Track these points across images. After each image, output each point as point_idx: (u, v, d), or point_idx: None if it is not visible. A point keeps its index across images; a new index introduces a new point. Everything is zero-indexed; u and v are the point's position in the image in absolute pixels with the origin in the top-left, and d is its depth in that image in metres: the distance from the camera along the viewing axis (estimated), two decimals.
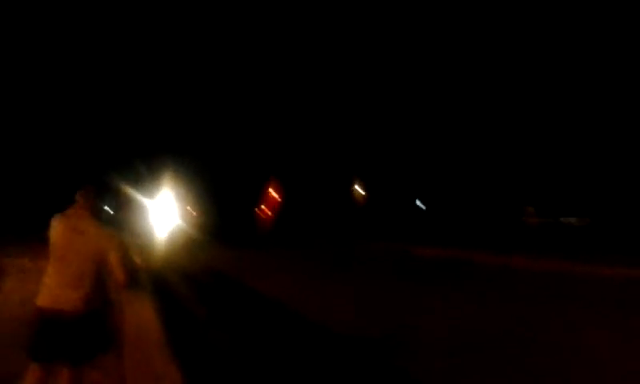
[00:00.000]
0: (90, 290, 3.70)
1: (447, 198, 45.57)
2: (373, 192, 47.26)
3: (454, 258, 18.78)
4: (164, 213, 37.70)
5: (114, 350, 4.58)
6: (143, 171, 37.70)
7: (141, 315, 4.06)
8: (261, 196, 46.02)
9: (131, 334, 3.60)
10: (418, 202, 50.18)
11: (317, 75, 48.26)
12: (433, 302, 10.24)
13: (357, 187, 47.26)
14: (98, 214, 4.09)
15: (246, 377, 5.37)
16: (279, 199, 44.86)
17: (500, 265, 16.58)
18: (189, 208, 41.78)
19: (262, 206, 46.44)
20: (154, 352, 3.13)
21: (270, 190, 45.33)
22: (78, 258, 3.74)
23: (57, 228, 3.86)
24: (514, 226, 35.87)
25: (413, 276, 15.10)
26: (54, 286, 3.67)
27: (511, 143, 40.46)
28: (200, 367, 4.89)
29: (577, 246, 20.99)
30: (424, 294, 11.30)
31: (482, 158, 41.95)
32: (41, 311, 3.65)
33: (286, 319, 8.77)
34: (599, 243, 21.73)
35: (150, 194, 37.19)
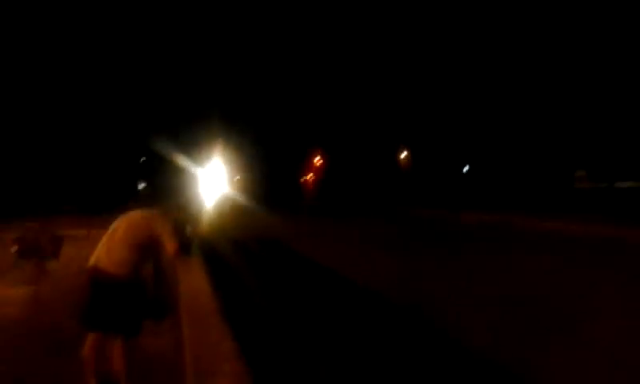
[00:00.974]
0: (135, 260, 3.90)
1: (497, 162, 44.58)
2: (418, 157, 46.76)
3: (501, 223, 18.48)
4: (214, 181, 38.50)
5: (170, 318, 4.77)
6: (194, 141, 38.38)
7: (195, 284, 4.21)
8: (307, 164, 46.22)
9: (187, 302, 3.75)
10: (465, 169, 49.35)
11: (362, 42, 47.51)
12: (475, 266, 10.17)
13: (402, 153, 46.86)
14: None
15: (294, 341, 5.50)
16: (324, 167, 44.93)
17: (547, 230, 16.22)
18: (238, 177, 42.41)
19: (309, 174, 46.65)
20: (209, 320, 3.25)
21: (316, 158, 45.41)
22: (126, 231, 3.97)
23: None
24: (564, 190, 34.88)
25: (458, 241, 14.97)
26: (103, 252, 3.91)
27: (563, 106, 39.09)
28: (252, 334, 5.03)
29: (631, 210, 20.27)
30: (467, 259, 11.21)
31: (533, 121, 40.71)
32: (91, 270, 3.88)
33: (332, 284, 8.87)
34: None
35: (200, 163, 37.98)
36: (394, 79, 46.32)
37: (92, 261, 3.95)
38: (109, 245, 3.97)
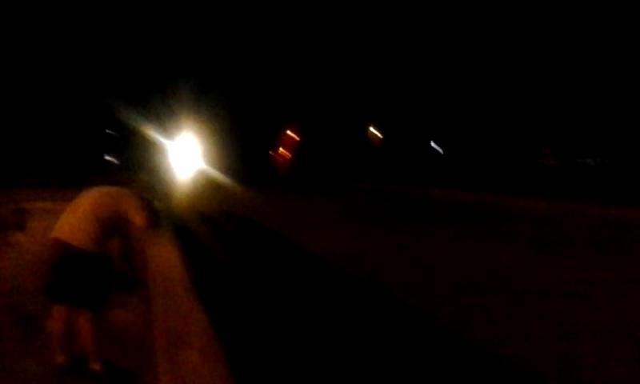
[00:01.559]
0: (100, 233, 3.86)
1: (463, 139, 45.15)
2: (388, 134, 47.03)
3: (470, 201, 18.78)
4: (185, 155, 38.10)
5: (138, 291, 4.75)
6: (164, 113, 37.82)
7: (165, 257, 4.20)
8: (278, 139, 46.06)
9: (156, 275, 3.73)
10: (433, 144, 49.84)
11: (334, 20, 47.17)
12: (446, 244, 10.32)
13: (372, 129, 47.04)
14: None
15: (267, 315, 5.55)
16: (297, 141, 44.85)
17: (515, 207, 16.55)
18: (209, 150, 42.03)
19: (280, 149, 46.53)
20: (179, 292, 3.25)
21: (288, 132, 45.27)
22: (91, 205, 3.93)
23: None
24: (531, 167, 35.60)
25: (428, 218, 15.16)
26: (67, 224, 3.86)
27: (528, 84, 39.64)
28: (222, 306, 5.06)
29: (591, 187, 20.81)
30: (439, 236, 11.37)
31: (498, 99, 41.24)
32: (54, 243, 3.83)
33: (302, 258, 8.95)
34: (615, 184, 21.54)
35: (171, 136, 37.50)
36: (368, 54, 46.24)
37: (55, 233, 3.89)
38: (73, 216, 3.91)
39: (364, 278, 7.34)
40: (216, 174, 34.52)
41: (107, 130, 44.42)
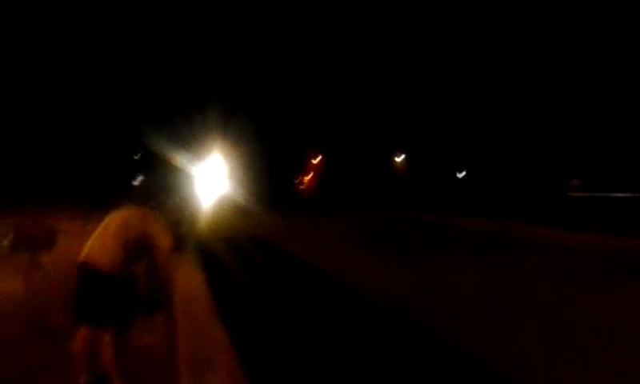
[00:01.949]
0: (127, 255, 3.90)
1: (490, 169, 44.79)
2: (414, 161, 46.89)
3: (495, 230, 18.49)
4: (211, 180, 38.48)
5: (163, 313, 4.76)
6: (191, 138, 38.40)
7: (189, 281, 4.22)
8: (304, 164, 46.27)
9: (181, 297, 3.76)
10: (458, 174, 49.54)
11: (362, 45, 47.63)
12: (471, 273, 10.14)
13: (398, 157, 46.98)
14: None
15: (286, 336, 5.51)
16: (321, 167, 45.00)
17: (542, 237, 16.24)
18: (235, 175, 42.39)
19: (304, 175, 46.72)
20: (203, 315, 3.26)
21: (312, 159, 45.46)
22: (119, 227, 3.98)
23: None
24: (559, 198, 35.00)
25: (452, 246, 14.96)
26: (95, 246, 3.91)
27: (560, 115, 39.30)
28: (245, 330, 5.04)
29: (624, 221, 20.32)
30: (463, 265, 11.19)
31: (529, 129, 40.92)
32: (81, 264, 3.88)
33: (325, 284, 8.88)
34: None
35: (198, 161, 37.99)
36: (394, 83, 46.45)
37: (83, 255, 3.94)
38: (100, 239, 3.96)
39: (389, 306, 7.25)
40: (242, 199, 34.73)
41: (135, 155, 45.24)
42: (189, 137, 38.57)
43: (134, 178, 44.47)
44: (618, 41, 36.13)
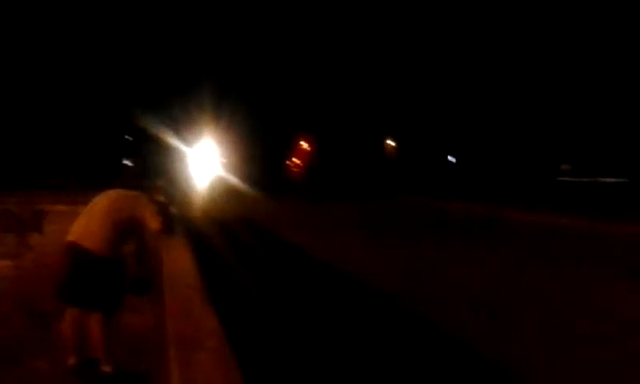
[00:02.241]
0: (115, 237, 3.88)
1: (481, 152, 44.96)
2: (404, 146, 46.94)
3: (486, 214, 18.59)
4: (204, 162, 38.37)
5: (152, 295, 4.76)
6: (184, 120, 38.21)
7: (179, 262, 4.23)
8: (295, 148, 46.23)
9: (170, 279, 3.77)
10: (449, 157, 49.67)
11: (349, 30, 47.41)
12: (463, 258, 10.21)
13: (388, 141, 46.99)
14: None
15: (277, 322, 5.55)
16: (310, 151, 44.96)
17: (532, 222, 16.35)
18: (227, 158, 42.31)
19: (294, 158, 46.67)
20: (192, 296, 3.28)
21: (302, 142, 45.40)
22: (107, 208, 3.95)
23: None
24: (549, 183, 35.21)
25: (444, 231, 15.05)
26: (82, 227, 3.88)
27: (550, 100, 39.42)
28: (234, 313, 5.06)
29: (613, 205, 20.48)
30: (455, 249, 11.26)
31: (519, 114, 41.03)
32: (69, 245, 3.85)
33: (315, 268, 8.91)
34: (635, 203, 21.18)
35: (189, 142, 37.84)
36: (385, 68, 46.32)
37: (70, 236, 3.92)
38: (88, 220, 3.94)
39: (376, 289, 7.29)
40: (234, 181, 34.70)
41: (126, 136, 44.94)
42: (182, 118, 38.39)
43: (125, 158, 44.26)
44: (605, 29, 36.20)
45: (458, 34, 43.40)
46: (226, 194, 28.33)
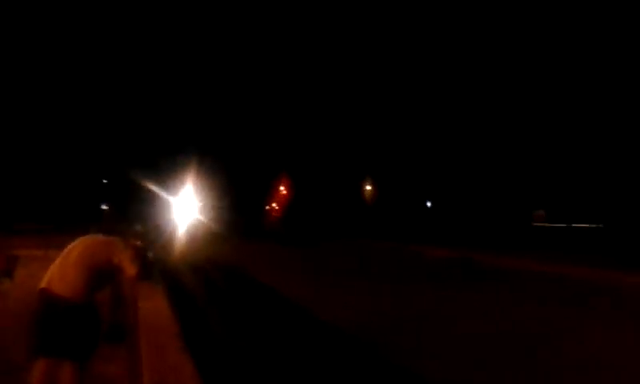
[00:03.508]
0: (90, 283, 3.82)
1: (457, 199, 45.51)
2: (383, 190, 47.37)
3: (463, 259, 18.72)
4: (185, 208, 38.23)
5: (127, 343, 4.68)
6: (166, 170, 38.24)
7: (156, 309, 4.16)
8: (271, 193, 46.35)
9: (146, 326, 3.70)
10: (427, 203, 50.18)
11: (329, 76, 48.43)
12: (439, 304, 10.23)
13: (367, 186, 47.38)
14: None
15: (252, 367, 5.48)
16: (288, 196, 45.11)
17: (509, 267, 16.50)
18: (205, 204, 42.21)
19: (272, 203, 46.73)
20: (168, 343, 3.23)
21: (281, 187, 45.56)
22: (82, 254, 3.89)
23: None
24: (524, 229, 35.69)
25: (422, 276, 15.08)
26: (56, 273, 3.81)
27: (524, 147, 40.33)
28: (210, 358, 4.99)
29: (587, 250, 20.82)
30: (431, 295, 11.28)
31: (493, 161, 41.85)
32: (41, 292, 3.77)
33: (293, 315, 8.83)
34: (610, 249, 21.55)
35: (170, 188, 37.76)
36: (361, 112, 47.15)
37: (43, 283, 3.84)
38: (62, 266, 3.86)
39: (349, 333, 7.25)
40: (213, 227, 34.61)
41: (103, 180, 44.58)
42: (162, 164, 38.40)
43: (102, 203, 43.79)
44: (575, 72, 37.44)
45: (431, 82, 44.50)
46: (205, 239, 28.15)
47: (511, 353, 6.45)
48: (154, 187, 34.87)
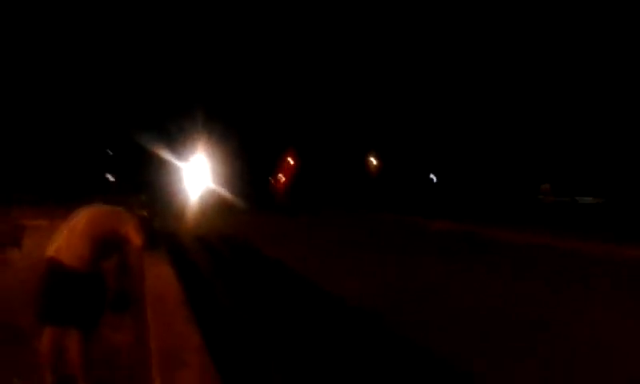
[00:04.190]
0: (96, 252, 3.82)
1: (462, 173, 45.40)
2: (387, 163, 47.26)
3: (468, 233, 18.69)
4: (196, 177, 38.29)
5: (133, 311, 4.70)
6: (176, 136, 38.12)
7: (161, 278, 4.17)
8: (279, 164, 46.36)
9: (152, 295, 3.71)
10: (431, 176, 50.08)
11: (335, 49, 47.96)
12: (446, 277, 10.23)
13: (371, 158, 47.27)
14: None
15: (255, 336, 5.52)
16: (294, 168, 45.11)
17: (515, 241, 16.47)
18: (218, 174, 42.27)
19: (279, 175, 46.78)
20: (174, 312, 3.24)
21: (288, 159, 45.53)
22: (88, 223, 3.90)
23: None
24: (529, 202, 35.64)
25: (426, 249, 15.07)
26: (62, 242, 3.81)
27: (530, 121, 40.04)
28: (215, 326, 5.02)
29: (591, 225, 20.77)
30: (437, 268, 11.28)
31: (500, 135, 41.61)
32: (47, 261, 3.79)
33: (298, 287, 8.86)
34: (613, 223, 21.49)
35: (179, 156, 37.75)
36: (369, 85, 46.79)
37: (50, 251, 3.85)
38: (68, 236, 3.87)
39: (354, 305, 7.27)
40: (222, 197, 34.75)
41: (108, 150, 44.59)
42: (171, 132, 38.34)
43: (108, 173, 43.87)
44: (581, 51, 36.99)
45: (440, 54, 44.00)
46: (213, 209, 28.31)
47: (515, 326, 6.45)
48: (163, 154, 34.89)
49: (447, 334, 6.02)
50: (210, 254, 12.40)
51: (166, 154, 35.84)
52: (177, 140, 38.43)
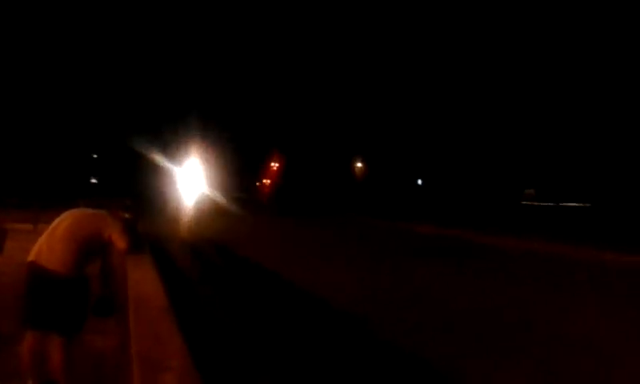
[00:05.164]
0: (79, 257, 3.81)
1: (448, 177, 45.68)
2: (373, 168, 47.45)
3: (454, 237, 18.81)
4: (189, 180, 38.20)
5: (117, 316, 4.68)
6: (172, 141, 37.99)
7: (145, 282, 4.16)
8: (264, 168, 46.43)
9: (135, 299, 3.70)
10: (419, 181, 50.35)
11: (322, 54, 48.16)
12: (432, 280, 10.29)
13: (357, 163, 47.44)
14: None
15: (241, 340, 5.52)
16: (279, 171, 45.18)
17: (499, 246, 16.59)
18: (211, 178, 42.21)
19: (264, 179, 46.81)
20: (157, 316, 3.23)
21: (272, 162, 45.56)
22: (70, 227, 3.87)
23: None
24: (513, 207, 35.92)
25: (412, 253, 15.13)
26: (44, 246, 3.79)
27: (515, 127, 40.42)
28: (199, 330, 5.02)
29: (575, 229, 21.00)
30: (423, 272, 11.34)
31: (485, 141, 41.95)
32: (30, 266, 3.76)
33: (283, 290, 8.87)
34: (598, 228, 21.74)
35: (177, 162, 37.61)
36: (355, 90, 47.00)
37: (32, 255, 3.83)
38: (50, 240, 3.85)
39: (339, 309, 7.29)
40: (216, 200, 34.81)
41: (94, 155, 44.28)
42: (171, 138, 38.26)
43: (91, 177, 43.50)
44: (568, 56, 37.43)
45: (426, 60, 44.30)
46: (206, 212, 28.34)
47: (507, 328, 6.52)
48: (154, 157, 34.75)
49: (440, 336, 6.12)
50: (198, 258, 12.36)
51: (158, 158, 35.71)
52: (169, 144, 38.34)
